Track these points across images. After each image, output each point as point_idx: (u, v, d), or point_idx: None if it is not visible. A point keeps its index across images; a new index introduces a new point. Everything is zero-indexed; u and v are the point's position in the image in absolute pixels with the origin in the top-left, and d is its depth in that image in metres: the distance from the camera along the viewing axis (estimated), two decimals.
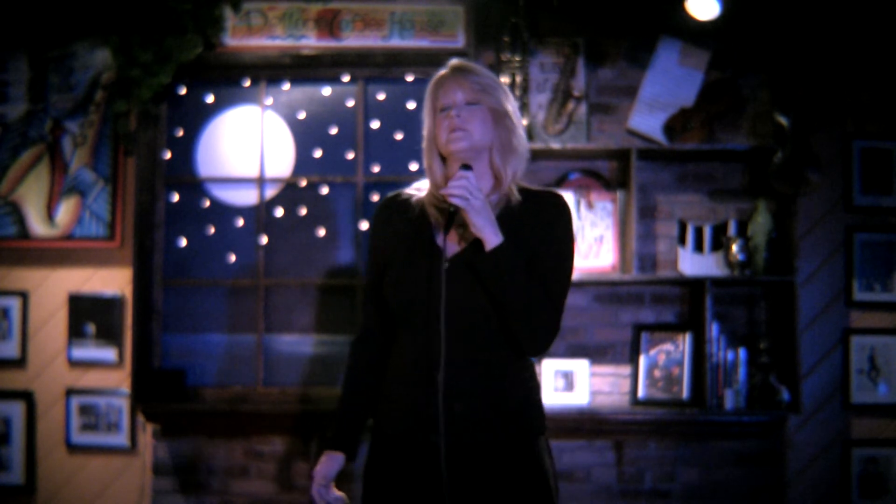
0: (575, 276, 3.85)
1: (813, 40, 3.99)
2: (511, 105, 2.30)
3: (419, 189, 2.38)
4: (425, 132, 2.32)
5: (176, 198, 4.15)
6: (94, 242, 4.07)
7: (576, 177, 4.05)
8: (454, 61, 2.34)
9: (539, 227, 2.26)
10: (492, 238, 2.17)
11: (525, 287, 2.18)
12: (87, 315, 4.06)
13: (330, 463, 2.35)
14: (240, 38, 4.01)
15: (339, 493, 2.34)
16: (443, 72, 2.33)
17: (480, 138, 2.25)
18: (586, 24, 4.05)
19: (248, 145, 4.17)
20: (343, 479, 2.43)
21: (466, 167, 2.21)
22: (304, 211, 4.14)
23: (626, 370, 4.02)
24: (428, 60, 4.05)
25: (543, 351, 2.26)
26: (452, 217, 2.18)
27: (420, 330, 2.23)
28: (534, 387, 2.33)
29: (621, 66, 4.08)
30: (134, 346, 3.92)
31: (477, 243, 2.20)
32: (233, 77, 4.16)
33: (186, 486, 4.00)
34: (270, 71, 4.13)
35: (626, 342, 4.03)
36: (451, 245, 2.27)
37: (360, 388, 2.38)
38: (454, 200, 2.15)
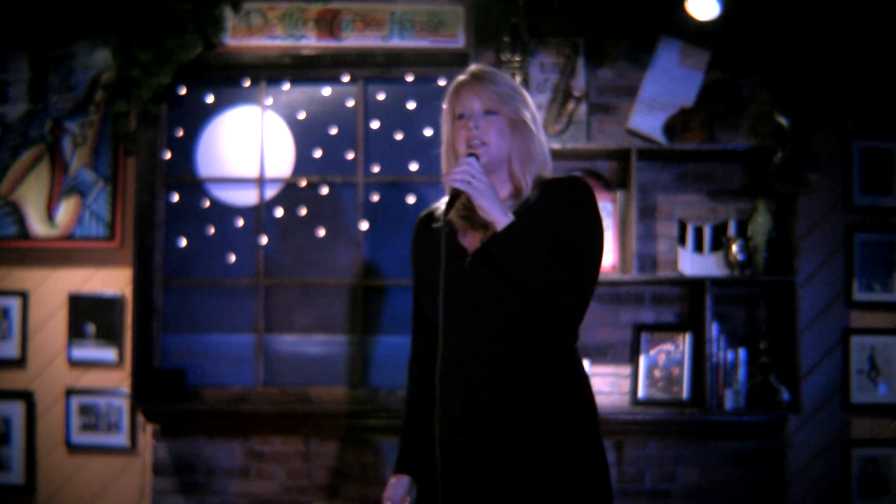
0: None
1: (813, 40, 3.99)
2: (529, 112, 2.29)
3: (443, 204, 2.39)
4: (443, 137, 2.33)
5: (176, 198, 4.15)
6: (94, 242, 4.07)
7: None
8: (473, 67, 2.32)
9: (558, 210, 2.25)
10: (500, 218, 2.17)
11: (541, 263, 2.17)
12: (87, 315, 4.06)
13: (397, 487, 2.34)
14: (240, 38, 4.02)
15: None
16: (461, 78, 2.30)
17: (497, 150, 2.24)
18: (586, 24, 4.05)
19: (248, 145, 4.17)
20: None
21: (471, 155, 2.21)
22: (304, 211, 4.14)
23: (626, 370, 4.02)
24: (428, 60, 4.06)
25: (574, 319, 2.23)
26: (454, 200, 2.17)
27: (452, 331, 2.23)
28: (566, 380, 2.26)
29: (621, 66, 4.08)
30: (134, 346, 3.92)
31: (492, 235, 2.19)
32: (233, 77, 4.16)
33: (186, 486, 4.00)
34: (270, 71, 4.13)
35: (626, 342, 4.03)
36: (473, 244, 2.27)
37: (419, 408, 2.37)
38: (456, 184, 2.15)
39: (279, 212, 4.14)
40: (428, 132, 4.11)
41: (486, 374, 2.19)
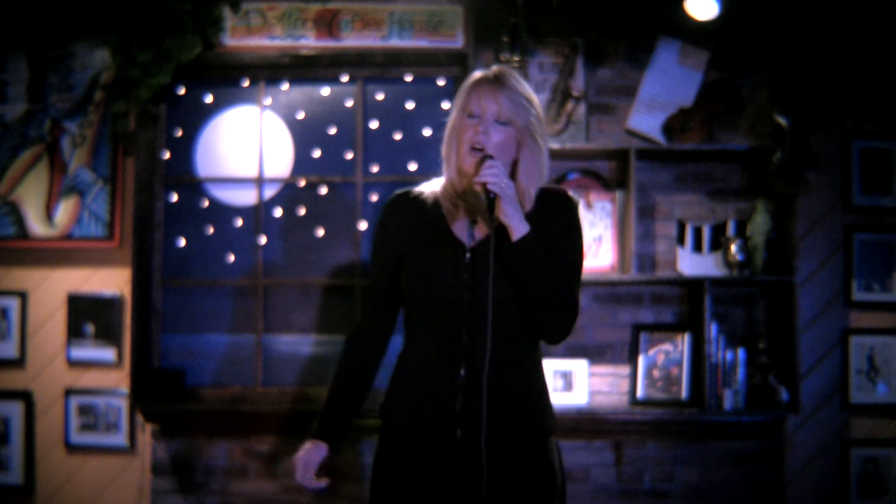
0: None
1: (813, 40, 3.99)
2: (540, 124, 2.30)
3: (424, 190, 2.39)
4: (449, 125, 2.33)
5: (175, 198, 4.15)
6: (94, 242, 4.07)
7: (575, 177, 4.05)
8: (496, 68, 2.32)
9: (551, 223, 2.30)
10: (520, 227, 2.20)
11: (549, 274, 2.22)
12: (87, 315, 4.06)
13: (314, 451, 2.36)
14: (239, 38, 4.02)
15: (319, 480, 2.34)
16: (483, 75, 2.31)
17: (497, 159, 2.24)
18: (585, 24, 4.05)
19: (246, 145, 4.17)
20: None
21: (490, 157, 2.22)
22: (303, 211, 4.14)
23: (624, 370, 4.02)
24: (427, 61, 4.06)
25: (565, 337, 2.31)
26: (492, 203, 2.17)
27: (445, 324, 2.24)
28: (545, 385, 2.36)
29: (620, 66, 4.08)
30: (133, 346, 3.92)
31: (497, 234, 2.20)
32: (232, 77, 4.16)
33: (185, 486, 4.00)
34: (269, 71, 4.13)
35: (625, 342, 4.03)
36: (467, 237, 2.28)
37: (354, 380, 2.40)
38: (493, 187, 2.16)
39: (278, 212, 4.14)
40: (427, 132, 4.11)
41: (491, 374, 2.20)
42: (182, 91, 4.16)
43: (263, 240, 4.14)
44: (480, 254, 2.22)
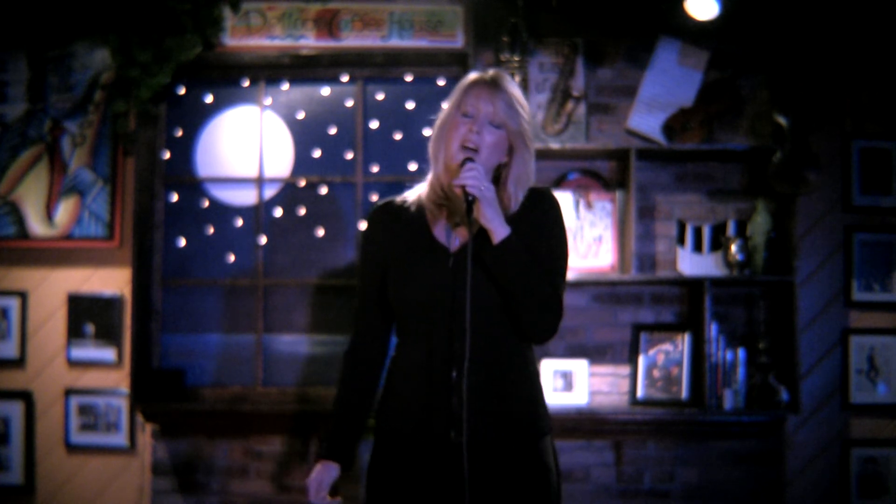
0: (574, 276, 3.88)
1: (813, 40, 3.99)
2: (529, 129, 2.31)
3: (408, 197, 2.40)
4: (439, 122, 2.34)
5: (175, 198, 4.15)
6: (94, 242, 4.07)
7: (575, 177, 4.05)
8: (493, 72, 2.34)
9: (534, 222, 2.30)
10: (500, 230, 2.20)
11: (532, 275, 2.22)
12: (87, 315, 4.06)
13: (324, 472, 2.36)
14: (239, 38, 4.02)
15: (333, 500, 2.34)
16: (481, 77, 2.32)
17: (486, 161, 2.26)
18: (585, 24, 4.05)
19: (247, 145, 4.17)
20: (347, 480, 2.44)
21: (470, 159, 2.23)
22: (303, 211, 4.14)
23: (625, 370, 4.02)
24: (427, 60, 4.06)
25: (551, 337, 2.30)
26: (471, 206, 2.18)
27: (431, 327, 2.24)
28: (539, 384, 2.35)
29: (620, 66, 4.08)
30: (133, 345, 3.92)
31: (478, 237, 2.21)
32: (232, 77, 4.16)
33: (185, 486, 4.00)
34: (269, 71, 4.13)
35: (626, 342, 4.03)
36: (448, 240, 2.29)
37: (357, 396, 2.40)
38: (471, 190, 2.16)
39: (278, 212, 4.14)
40: (427, 132, 4.10)
41: (479, 375, 2.21)
42: (182, 91, 4.16)
43: (263, 240, 4.14)
44: (462, 257, 2.22)
